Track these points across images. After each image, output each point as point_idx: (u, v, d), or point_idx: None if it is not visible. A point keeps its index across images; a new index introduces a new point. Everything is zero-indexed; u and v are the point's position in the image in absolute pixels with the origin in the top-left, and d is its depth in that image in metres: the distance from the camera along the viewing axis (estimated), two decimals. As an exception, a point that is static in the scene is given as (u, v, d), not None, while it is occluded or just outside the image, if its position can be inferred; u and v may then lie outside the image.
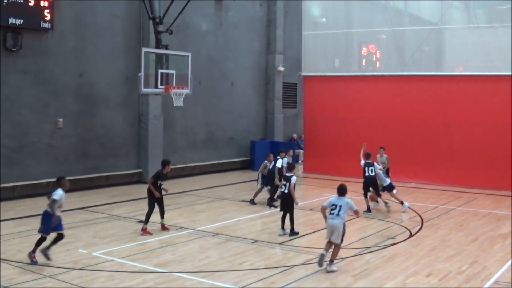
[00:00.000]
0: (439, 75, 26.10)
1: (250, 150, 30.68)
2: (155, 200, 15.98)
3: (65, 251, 13.85)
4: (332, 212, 12.83)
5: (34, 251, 12.89)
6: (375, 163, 19.59)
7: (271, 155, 20.55)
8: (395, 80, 27.04)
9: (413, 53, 27.21)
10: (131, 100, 24.51)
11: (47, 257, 12.89)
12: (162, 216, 16.22)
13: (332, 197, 13.14)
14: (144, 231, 15.73)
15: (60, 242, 14.45)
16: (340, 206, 12.81)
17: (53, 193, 13.01)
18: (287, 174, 16.31)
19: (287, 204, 15.89)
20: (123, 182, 24.10)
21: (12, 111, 20.48)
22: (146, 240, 15.06)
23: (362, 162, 19.41)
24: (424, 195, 22.86)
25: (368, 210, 18.89)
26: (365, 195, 19.27)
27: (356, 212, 13.30)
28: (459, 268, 13.07)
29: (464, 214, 19.31)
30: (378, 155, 22.12)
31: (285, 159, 20.22)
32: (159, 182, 15.99)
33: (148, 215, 15.90)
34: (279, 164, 19.95)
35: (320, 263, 12.66)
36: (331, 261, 12.68)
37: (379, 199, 19.51)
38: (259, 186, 20.43)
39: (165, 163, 16.41)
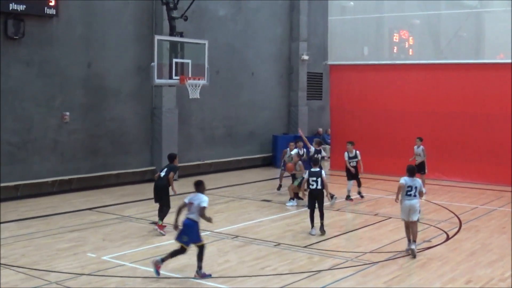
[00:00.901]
0: (478, 63, 25.82)
1: (272, 146, 30.60)
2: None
3: (72, 255, 13.86)
4: (409, 193, 14.11)
5: (163, 260, 12.55)
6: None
7: (293, 144, 21.84)
8: (430, 69, 26.79)
9: (449, 40, 26.96)
10: (143, 92, 24.52)
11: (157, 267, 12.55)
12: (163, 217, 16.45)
13: (404, 178, 14.22)
14: (160, 228, 16.05)
15: (67, 246, 14.53)
16: (416, 188, 14.14)
17: (192, 198, 12.82)
18: (313, 170, 16.34)
19: (318, 200, 16.24)
20: (135, 181, 24.13)
21: (14, 104, 20.56)
22: (160, 243, 15.05)
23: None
24: (461, 195, 22.66)
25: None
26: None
27: (421, 194, 14.41)
28: (502, 274, 12.90)
29: (506, 215, 19.08)
30: (415, 146, 22.38)
31: (295, 151, 21.24)
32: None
33: (166, 212, 16.28)
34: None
35: (413, 255, 13.89)
36: (414, 241, 14.05)
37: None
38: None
39: (175, 156, 17.28)
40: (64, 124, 21.93)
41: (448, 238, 15.96)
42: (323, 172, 16.15)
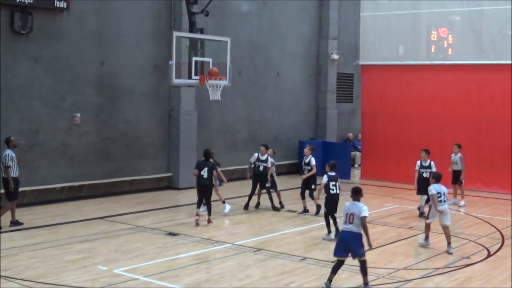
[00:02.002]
0: (524, 64, 25.62)
1: (298, 152, 30.52)
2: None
3: (82, 267, 13.88)
4: (439, 199, 15.79)
5: (330, 280, 12.76)
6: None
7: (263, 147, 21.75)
8: (471, 70, 26.63)
9: (492, 38, 26.77)
10: (160, 93, 24.58)
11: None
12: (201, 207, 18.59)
13: (433, 186, 15.86)
14: (209, 221, 18.30)
15: (76, 257, 14.57)
16: (444, 193, 15.92)
17: (349, 207, 12.86)
18: (331, 174, 17.08)
19: (335, 205, 16.98)
20: (151, 188, 24.17)
21: (21, 104, 20.68)
22: (176, 256, 15.06)
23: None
24: (505, 207, 22.45)
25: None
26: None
27: None
28: (549, 294, 12.76)
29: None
30: (453, 154, 22.32)
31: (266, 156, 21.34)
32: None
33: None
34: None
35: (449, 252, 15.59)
36: (449, 243, 15.86)
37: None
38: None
39: (210, 152, 19.29)
40: (74, 126, 22.01)
41: (489, 255, 15.80)
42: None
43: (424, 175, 20.07)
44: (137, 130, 23.94)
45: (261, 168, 20.95)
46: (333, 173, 17.12)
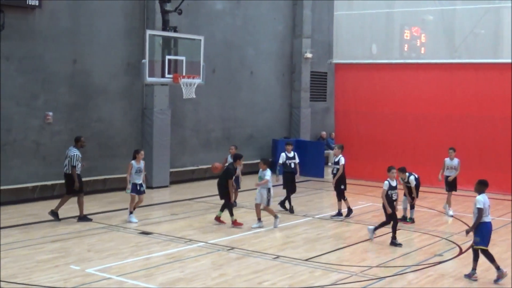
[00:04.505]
0: (496, 63, 25.81)
1: (271, 150, 30.57)
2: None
3: (54, 267, 13.81)
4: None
5: (498, 267, 13.47)
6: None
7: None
8: (444, 69, 26.81)
9: (465, 37, 26.93)
10: (133, 92, 24.52)
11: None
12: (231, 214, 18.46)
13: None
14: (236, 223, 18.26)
15: (49, 257, 14.48)
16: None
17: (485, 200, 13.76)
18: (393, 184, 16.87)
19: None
20: (124, 187, 23.94)
21: (-7, 103, 20.55)
22: (150, 255, 15.02)
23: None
24: (477, 205, 22.57)
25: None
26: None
27: None
28: (520, 291, 12.88)
29: (525, 227, 19.08)
30: (447, 159, 21.14)
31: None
32: None
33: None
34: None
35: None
36: None
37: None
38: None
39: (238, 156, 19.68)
40: (46, 125, 21.90)
41: (461, 252, 15.93)
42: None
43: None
44: (110, 129, 23.86)
45: (292, 166, 20.89)
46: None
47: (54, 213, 18.54)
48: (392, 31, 29.52)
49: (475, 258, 13.63)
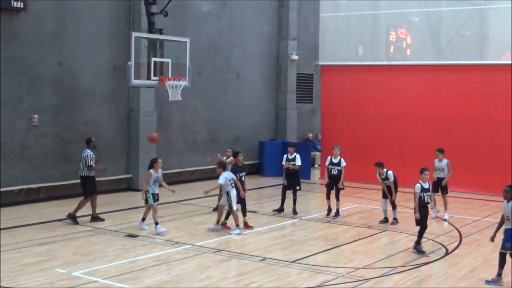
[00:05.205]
0: (482, 64, 25.92)
1: (258, 153, 30.59)
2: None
3: (40, 270, 13.77)
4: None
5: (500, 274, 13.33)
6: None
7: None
8: (429, 71, 26.87)
9: (450, 39, 27.05)
10: (119, 94, 24.46)
11: None
12: (244, 214, 18.45)
13: None
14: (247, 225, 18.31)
15: (34, 260, 14.43)
16: None
17: None
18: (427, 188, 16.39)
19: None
20: (110, 189, 24.04)
21: (-22, 106, 20.46)
22: (136, 258, 15.00)
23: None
24: (462, 206, 22.71)
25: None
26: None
27: None
28: (505, 292, 12.93)
29: (511, 228, 19.14)
30: (436, 160, 20.89)
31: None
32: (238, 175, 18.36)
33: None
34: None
35: None
36: None
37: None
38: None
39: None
40: (32, 128, 21.81)
41: (447, 253, 15.98)
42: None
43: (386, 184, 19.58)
44: (96, 131, 23.75)
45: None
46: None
47: (71, 217, 18.71)
48: (378, 33, 29.59)
49: (502, 264, 13.33)
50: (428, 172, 16.45)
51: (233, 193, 17.69)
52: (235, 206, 17.69)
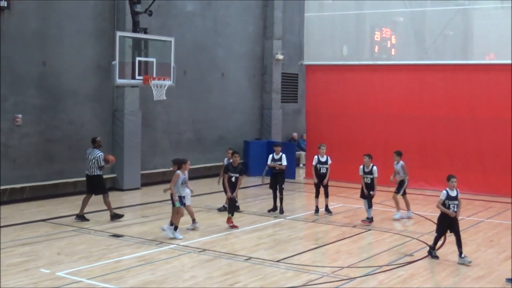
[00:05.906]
0: (466, 64, 25.96)
1: (243, 152, 30.56)
2: None
3: (24, 271, 13.71)
4: None
5: None
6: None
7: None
8: (414, 70, 26.95)
9: (435, 39, 27.12)
10: (103, 93, 24.40)
11: None
12: (231, 213, 18.56)
13: None
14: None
15: (18, 261, 14.38)
16: None
17: None
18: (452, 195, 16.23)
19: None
20: (94, 189, 23.96)
21: (-39, 105, 20.36)
22: (120, 258, 14.96)
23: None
24: (447, 205, 22.75)
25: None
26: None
27: None
28: (489, 290, 12.99)
29: (495, 227, 19.24)
30: (394, 162, 20.56)
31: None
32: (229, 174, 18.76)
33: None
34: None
35: None
36: None
37: None
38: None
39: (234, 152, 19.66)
40: (16, 128, 21.73)
41: (432, 252, 16.02)
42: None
43: (365, 180, 19.61)
44: (81, 131, 23.71)
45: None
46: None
47: (80, 217, 19.01)
48: (362, 33, 29.62)
49: None
50: (455, 179, 16.14)
51: (186, 191, 17.76)
52: (188, 202, 17.79)
